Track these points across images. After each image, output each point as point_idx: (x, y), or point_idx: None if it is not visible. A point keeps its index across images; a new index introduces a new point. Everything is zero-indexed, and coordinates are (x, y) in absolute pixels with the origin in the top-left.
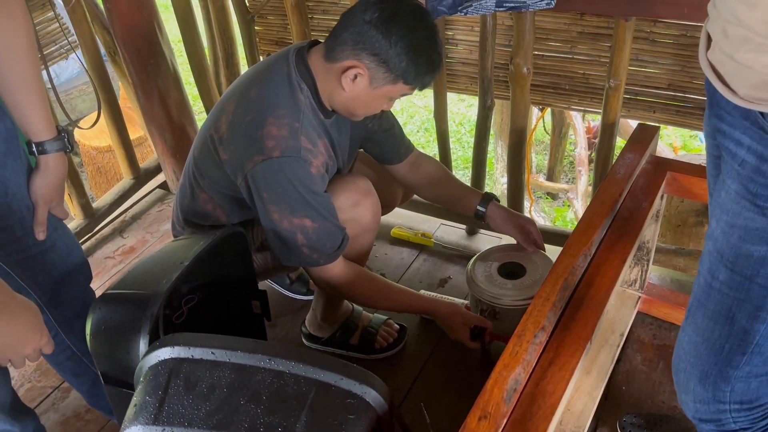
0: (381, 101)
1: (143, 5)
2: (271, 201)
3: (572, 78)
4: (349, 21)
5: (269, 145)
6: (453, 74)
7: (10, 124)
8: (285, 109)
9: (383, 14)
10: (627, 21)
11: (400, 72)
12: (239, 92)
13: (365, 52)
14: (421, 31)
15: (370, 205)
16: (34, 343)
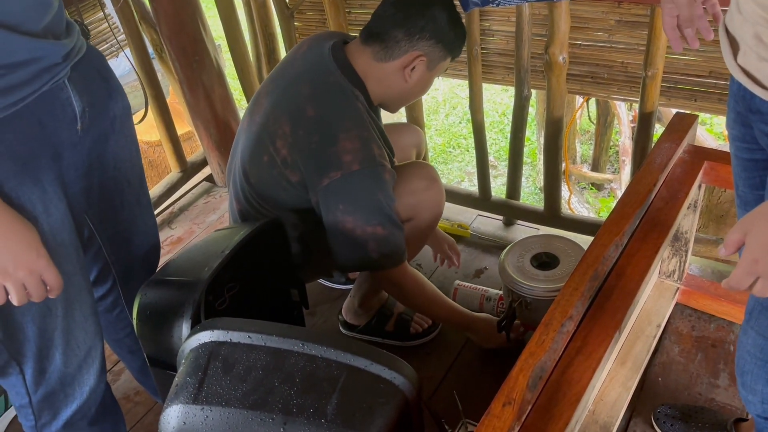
0: (431, 82)
1: (188, 4)
2: (347, 212)
3: (611, 67)
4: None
5: (347, 160)
6: (489, 65)
7: (126, 103)
8: (351, 122)
9: (419, 4)
10: None
11: (450, 46)
12: (291, 111)
13: (422, 40)
14: (451, 6)
15: (438, 188)
16: (29, 263)
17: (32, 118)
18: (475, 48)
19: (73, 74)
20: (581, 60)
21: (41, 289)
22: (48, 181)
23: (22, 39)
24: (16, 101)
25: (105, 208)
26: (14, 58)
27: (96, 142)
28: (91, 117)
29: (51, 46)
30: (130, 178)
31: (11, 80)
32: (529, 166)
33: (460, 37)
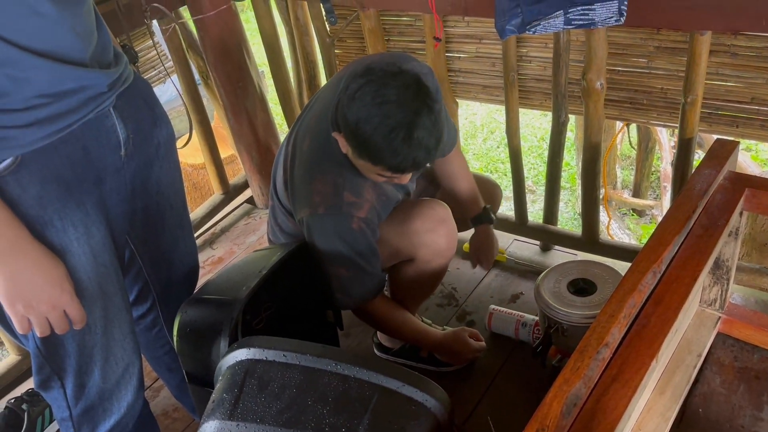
0: (370, 174)
1: (233, 33)
2: (315, 247)
3: (650, 93)
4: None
5: (316, 201)
6: (527, 90)
7: (171, 130)
8: (329, 164)
9: (354, 88)
10: (702, 35)
11: (361, 150)
12: (298, 140)
13: (340, 120)
14: (383, 113)
15: (445, 232)
16: (53, 298)
17: (78, 144)
18: (511, 74)
19: (119, 102)
20: (620, 86)
21: (64, 322)
22: (91, 204)
23: (69, 69)
24: (63, 128)
25: (147, 230)
26: (61, 87)
27: (140, 167)
28: (136, 144)
29: (97, 76)
30: (173, 202)
31: (59, 108)
32: (568, 191)
33: (377, 153)
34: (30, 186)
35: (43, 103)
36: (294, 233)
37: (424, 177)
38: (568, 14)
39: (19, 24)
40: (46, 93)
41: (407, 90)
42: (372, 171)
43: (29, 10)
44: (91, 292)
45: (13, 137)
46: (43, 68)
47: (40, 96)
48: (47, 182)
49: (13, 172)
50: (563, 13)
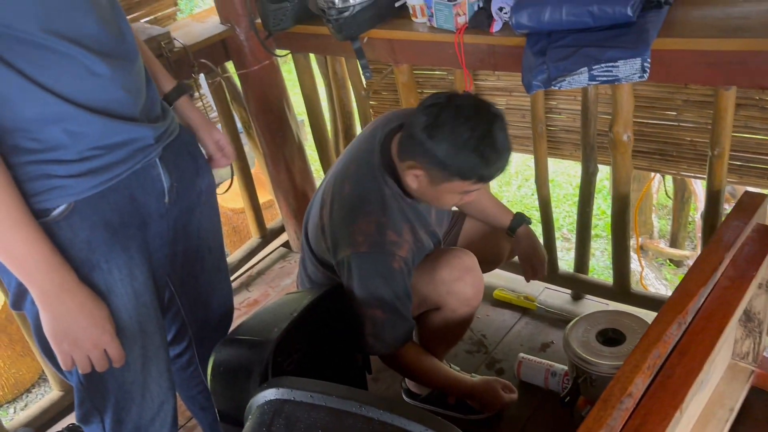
0: (448, 197)
1: (275, 86)
2: (353, 288)
3: (679, 145)
4: (412, 122)
5: (359, 240)
6: (557, 141)
7: (212, 179)
8: (372, 205)
9: (429, 119)
10: (727, 90)
11: (456, 171)
12: (336, 184)
13: (419, 155)
14: (466, 130)
15: (472, 280)
16: (95, 338)
17: (125, 192)
18: (540, 126)
19: (165, 153)
20: (649, 137)
21: (104, 361)
22: (135, 247)
23: (120, 123)
24: (113, 177)
25: (187, 273)
26: (113, 140)
27: (182, 213)
28: (179, 191)
29: (145, 129)
30: (212, 246)
31: (110, 159)
32: (604, 239)
33: (477, 163)
34: (80, 231)
35: (96, 155)
36: (322, 283)
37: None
38: (592, 71)
39: (77, 84)
40: (99, 145)
41: (475, 106)
42: (456, 191)
43: (86, 71)
44: (131, 331)
45: (67, 186)
46: (96, 123)
47: (93, 148)
48: (96, 227)
49: (66, 218)
50: (587, 69)
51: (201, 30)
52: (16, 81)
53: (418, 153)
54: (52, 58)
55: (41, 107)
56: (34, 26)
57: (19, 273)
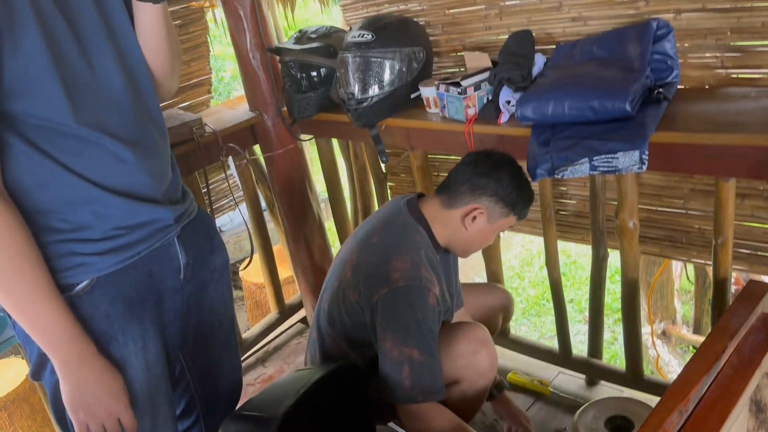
0: (494, 235)
1: (298, 168)
2: (389, 329)
3: (688, 232)
4: (461, 176)
5: (395, 277)
6: (569, 225)
7: (226, 257)
8: (406, 247)
9: (487, 164)
10: (726, 182)
11: (512, 206)
12: (360, 243)
13: (483, 195)
14: (519, 173)
15: (487, 353)
16: (110, 407)
17: (144, 269)
18: (549, 211)
19: (183, 232)
20: (658, 224)
21: (117, 430)
22: (150, 321)
23: (143, 205)
24: (134, 255)
25: (198, 347)
26: (135, 221)
27: (196, 289)
28: (194, 268)
29: (166, 211)
30: (223, 321)
31: (131, 238)
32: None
33: (524, 200)
34: (101, 305)
35: (119, 234)
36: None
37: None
38: (593, 161)
39: (105, 169)
40: (122, 225)
41: (509, 157)
42: (503, 228)
43: (113, 157)
44: (143, 402)
45: (91, 263)
46: (121, 205)
47: (116, 228)
48: (115, 302)
49: (88, 293)
50: (588, 160)
51: (231, 116)
52: (51, 168)
53: (481, 194)
54: (84, 147)
55: (73, 191)
56: (68, 119)
57: (43, 343)
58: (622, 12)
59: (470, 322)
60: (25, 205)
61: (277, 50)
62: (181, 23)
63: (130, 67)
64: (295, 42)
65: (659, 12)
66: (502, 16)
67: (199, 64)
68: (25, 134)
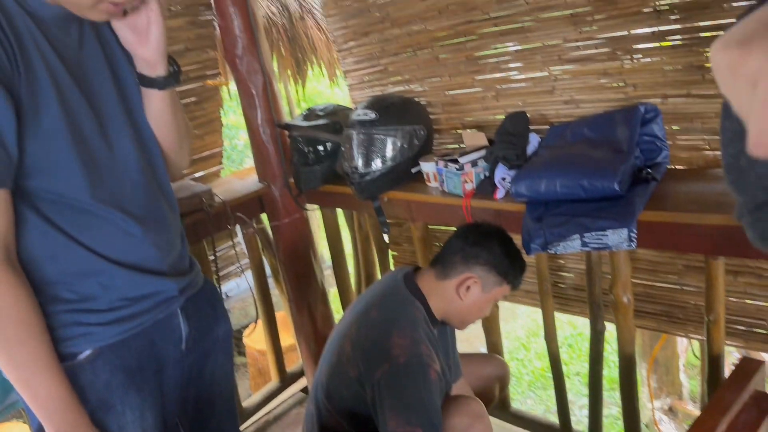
0: (489, 304)
1: (304, 237)
2: (391, 407)
3: (684, 308)
4: (453, 247)
5: (395, 353)
6: (567, 298)
7: (229, 327)
8: (405, 323)
9: (478, 234)
10: (715, 260)
11: (504, 274)
12: (358, 317)
13: (476, 264)
14: (510, 242)
15: (483, 427)
16: None
17: (146, 339)
18: (545, 284)
19: (187, 303)
20: (654, 299)
21: None
22: (149, 390)
23: (149, 277)
24: (137, 326)
25: (197, 416)
26: (141, 292)
27: (197, 359)
28: (196, 339)
29: (171, 283)
30: (223, 390)
31: (136, 309)
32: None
33: (516, 268)
34: (102, 373)
35: (124, 305)
36: None
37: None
38: (584, 238)
39: (113, 242)
40: (128, 297)
41: (498, 229)
42: (498, 297)
43: (122, 231)
44: None
45: (95, 333)
46: (127, 277)
47: (122, 299)
48: (116, 371)
49: (91, 362)
50: (579, 236)
51: (241, 187)
52: (62, 241)
53: (474, 263)
54: (94, 221)
55: (81, 263)
56: (84, 195)
57: (39, 412)
58: (612, 96)
59: (465, 396)
60: (35, 275)
61: (287, 126)
62: (197, 100)
63: (145, 144)
64: (303, 118)
65: (647, 97)
66: (498, 98)
67: (211, 137)
68: (40, 208)
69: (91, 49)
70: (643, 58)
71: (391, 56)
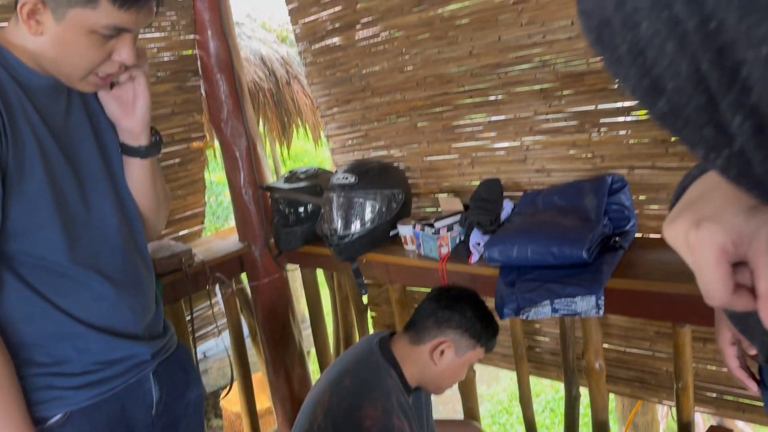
0: (464, 368)
1: (283, 297)
2: None
3: (656, 374)
4: (426, 311)
5: (367, 424)
6: (543, 363)
7: (201, 391)
8: (378, 393)
9: (450, 297)
10: (682, 328)
11: (477, 337)
12: (331, 384)
13: (449, 328)
14: (482, 305)
15: None
16: None
17: (117, 404)
18: (520, 348)
19: (159, 368)
20: (628, 365)
21: None
22: None
23: (123, 341)
24: (109, 390)
25: None
26: (114, 356)
27: (168, 424)
28: (167, 404)
29: (145, 347)
30: None
31: (108, 373)
32: None
33: (490, 331)
34: None
35: (97, 369)
36: None
37: None
38: (554, 304)
39: (89, 306)
40: (101, 361)
41: (471, 291)
42: (472, 361)
43: (97, 294)
44: None
45: (67, 397)
46: (102, 341)
47: (95, 363)
48: None
49: (60, 426)
50: (550, 303)
51: (221, 246)
52: (40, 304)
53: (446, 327)
54: (71, 284)
55: (57, 326)
56: (63, 259)
57: None
58: (582, 166)
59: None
60: (10, 338)
61: (269, 188)
62: (181, 161)
63: (126, 208)
64: (285, 181)
65: (615, 168)
66: (474, 165)
67: (194, 198)
68: (19, 271)
69: (78, 118)
70: (610, 131)
71: (372, 123)
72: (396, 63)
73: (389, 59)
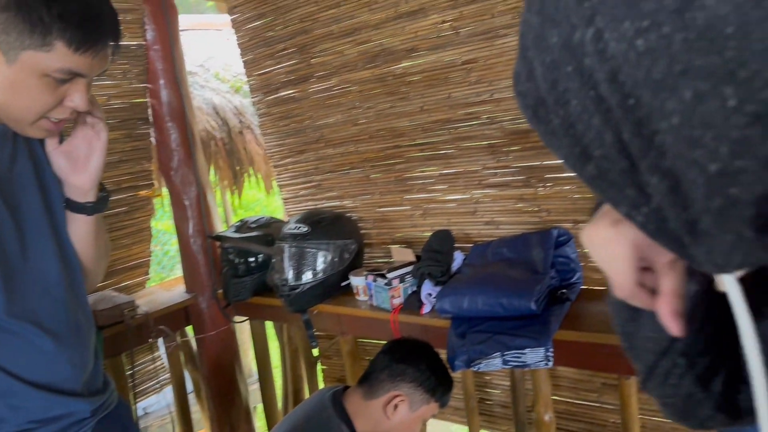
0: (418, 424)
1: (230, 350)
2: None
3: (604, 426)
4: (380, 365)
5: None
6: (494, 415)
7: None
8: None
9: (404, 350)
10: (627, 380)
11: (432, 391)
12: None
13: (403, 382)
14: (437, 358)
15: None
16: None
17: None
18: (471, 401)
19: (98, 425)
20: (576, 417)
21: None
22: None
23: (61, 398)
24: None
25: None
26: (51, 414)
27: None
28: None
29: (83, 404)
30: None
31: None
32: None
33: (444, 385)
34: None
35: (33, 428)
36: None
37: None
38: (504, 356)
39: (26, 361)
40: (37, 419)
41: (425, 345)
42: (426, 416)
43: (36, 348)
44: None
45: None
46: (38, 398)
47: (30, 422)
48: None
49: None
50: (500, 354)
51: (166, 298)
52: None
53: (400, 381)
54: (7, 338)
55: None
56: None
57: None
58: (529, 219)
59: None
60: None
61: (218, 237)
62: (128, 209)
63: (68, 260)
64: (236, 230)
65: (560, 221)
66: (425, 217)
67: (139, 247)
68: None
69: (23, 166)
70: (555, 186)
71: (325, 173)
72: (349, 116)
73: (343, 112)
